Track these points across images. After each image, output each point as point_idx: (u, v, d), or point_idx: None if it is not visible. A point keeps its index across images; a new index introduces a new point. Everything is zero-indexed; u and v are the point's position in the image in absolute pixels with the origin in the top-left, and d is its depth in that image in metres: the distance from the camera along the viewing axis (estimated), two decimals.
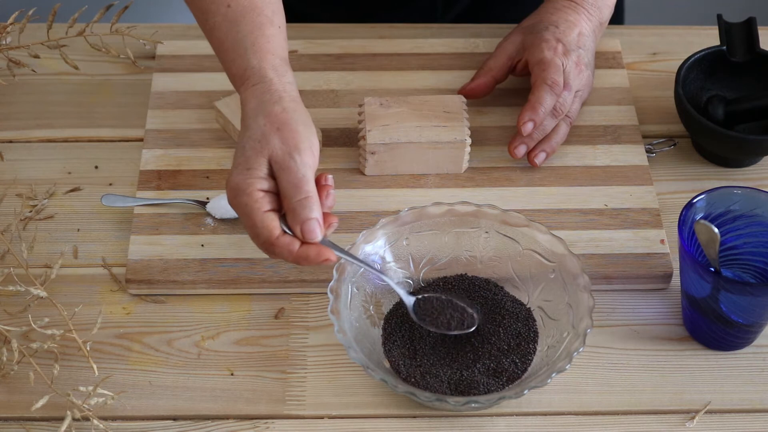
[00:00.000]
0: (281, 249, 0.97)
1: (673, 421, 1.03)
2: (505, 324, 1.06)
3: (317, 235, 0.97)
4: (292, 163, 0.97)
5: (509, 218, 1.08)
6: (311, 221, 0.96)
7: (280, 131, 0.98)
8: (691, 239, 1.03)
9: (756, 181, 1.20)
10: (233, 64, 1.04)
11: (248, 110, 1.00)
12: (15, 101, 1.27)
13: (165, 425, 1.02)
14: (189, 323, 1.08)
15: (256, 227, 0.97)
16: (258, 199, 0.97)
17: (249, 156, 0.98)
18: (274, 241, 0.97)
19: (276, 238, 0.97)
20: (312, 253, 0.97)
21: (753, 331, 1.06)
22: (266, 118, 0.99)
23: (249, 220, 0.97)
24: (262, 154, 0.97)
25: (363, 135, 1.16)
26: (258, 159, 0.97)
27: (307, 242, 0.97)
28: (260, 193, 0.97)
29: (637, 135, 1.23)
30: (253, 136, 0.98)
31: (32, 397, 1.00)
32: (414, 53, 1.30)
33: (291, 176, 0.96)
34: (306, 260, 0.97)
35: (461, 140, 1.16)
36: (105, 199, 1.15)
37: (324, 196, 0.98)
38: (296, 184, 0.96)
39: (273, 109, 0.99)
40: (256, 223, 0.97)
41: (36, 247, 1.12)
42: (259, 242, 0.98)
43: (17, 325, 1.03)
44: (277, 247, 0.97)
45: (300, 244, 0.97)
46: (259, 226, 0.97)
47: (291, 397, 1.03)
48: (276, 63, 1.03)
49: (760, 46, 1.22)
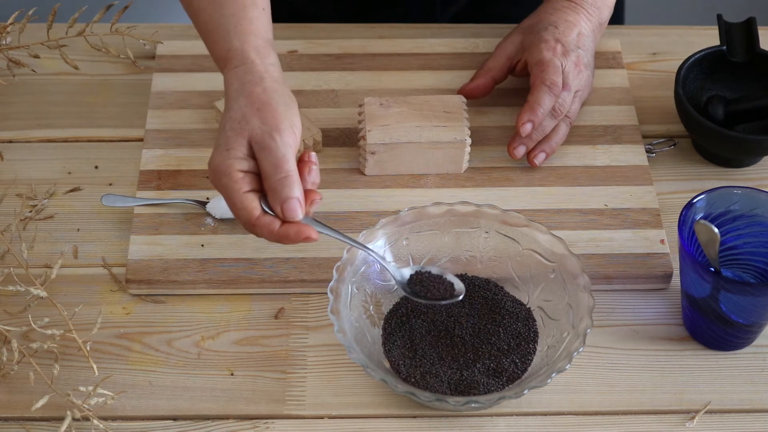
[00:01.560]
0: (262, 229, 0.97)
1: (673, 421, 1.03)
2: (505, 324, 1.06)
3: (297, 214, 0.97)
4: (271, 142, 0.96)
5: (509, 218, 1.08)
6: (291, 200, 0.96)
7: (260, 111, 0.98)
8: (691, 239, 1.03)
9: (756, 181, 1.20)
10: (216, 46, 1.04)
11: (230, 92, 1.01)
12: (15, 101, 1.27)
13: (165, 425, 1.02)
14: (189, 323, 1.08)
15: (237, 208, 0.97)
16: (237, 180, 0.97)
17: (229, 137, 0.98)
18: (254, 222, 0.97)
19: (256, 219, 0.97)
20: (292, 232, 0.97)
21: (753, 331, 1.06)
22: (247, 99, 0.99)
23: (230, 200, 0.98)
24: (241, 134, 0.97)
25: (363, 135, 1.16)
26: (238, 140, 0.97)
27: (288, 221, 0.97)
28: (240, 174, 0.97)
29: (637, 135, 1.23)
30: (233, 117, 0.98)
31: (32, 397, 1.00)
32: (414, 53, 1.30)
33: (271, 156, 0.96)
34: (287, 239, 0.97)
35: (461, 140, 1.16)
36: (105, 199, 1.15)
37: (306, 173, 0.98)
38: (276, 164, 0.96)
39: (254, 90, 0.99)
40: (237, 203, 0.97)
41: (36, 247, 1.12)
42: (241, 222, 0.98)
43: (17, 325, 1.03)
44: (258, 227, 0.97)
45: (281, 223, 0.97)
46: (239, 206, 0.97)
47: (291, 397, 1.03)
48: (259, 44, 1.03)
49: (760, 46, 1.22)
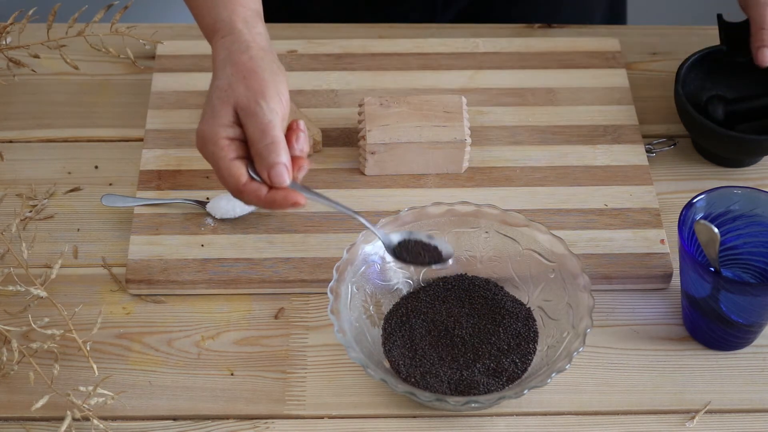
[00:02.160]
0: (249, 195, 0.97)
1: (673, 421, 1.03)
2: (505, 324, 1.06)
3: (284, 180, 0.96)
4: (257, 108, 0.96)
5: (509, 218, 1.08)
6: (278, 166, 0.96)
7: (246, 79, 0.97)
8: (691, 239, 1.03)
9: (756, 181, 1.20)
10: (204, 17, 1.04)
11: (218, 62, 1.00)
12: (15, 101, 1.27)
13: (165, 425, 1.02)
14: (189, 323, 1.08)
15: (224, 175, 0.97)
16: (223, 147, 0.97)
17: (215, 105, 0.97)
18: (241, 188, 0.97)
19: (243, 185, 0.97)
20: (279, 198, 0.97)
21: (753, 331, 1.06)
22: (233, 68, 0.98)
23: (216, 168, 0.97)
24: (227, 102, 0.97)
25: (363, 135, 1.16)
26: (223, 107, 0.97)
27: (276, 187, 0.97)
28: (226, 141, 0.97)
29: (637, 135, 1.23)
30: (219, 86, 0.98)
31: (32, 397, 1.00)
32: (414, 53, 1.30)
33: (257, 122, 0.96)
34: (274, 204, 0.97)
35: (461, 140, 1.16)
36: (105, 199, 1.15)
37: (294, 140, 0.98)
38: (262, 129, 0.96)
39: (240, 58, 0.99)
40: (223, 170, 0.97)
41: (36, 247, 1.12)
42: (229, 189, 0.98)
43: (17, 325, 1.03)
44: (245, 193, 0.97)
45: (268, 189, 0.97)
46: (226, 173, 0.97)
47: (291, 397, 1.03)
48: (247, 15, 1.02)
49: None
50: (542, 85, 1.27)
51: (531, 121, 1.24)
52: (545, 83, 1.28)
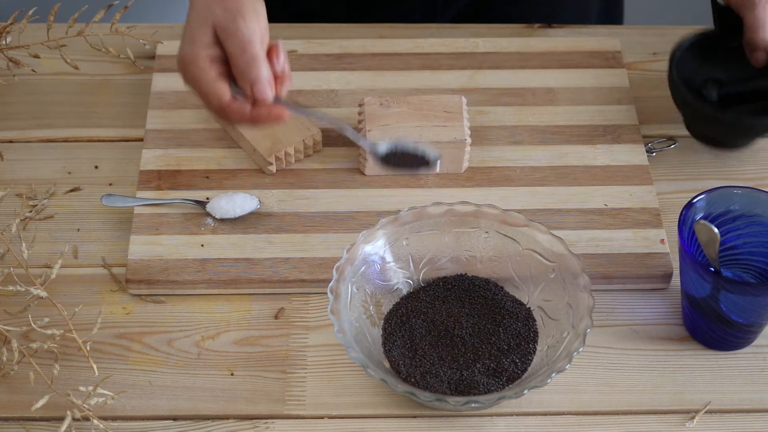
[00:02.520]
0: (233, 113, 0.98)
1: (673, 421, 1.03)
2: (505, 324, 1.06)
3: (267, 94, 0.97)
4: (235, 26, 0.97)
5: (509, 218, 1.08)
6: (260, 80, 0.97)
7: (222, 1, 0.98)
8: (691, 239, 1.03)
9: (756, 181, 1.20)
10: None
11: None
12: (15, 101, 1.27)
13: (165, 425, 1.02)
14: (189, 323, 1.08)
15: (207, 94, 0.98)
16: (204, 68, 0.97)
17: (193, 27, 0.98)
18: (225, 107, 0.98)
19: (227, 104, 0.98)
20: (263, 113, 0.98)
21: (753, 331, 1.06)
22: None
23: (199, 88, 0.98)
24: (205, 23, 0.98)
25: (363, 135, 1.16)
26: (202, 29, 0.98)
27: (259, 103, 0.98)
28: (207, 61, 0.97)
29: (637, 135, 1.23)
30: (197, 9, 0.99)
31: (32, 397, 1.00)
32: (414, 53, 1.30)
33: (236, 40, 0.97)
34: (259, 120, 0.98)
35: (461, 140, 1.16)
36: (105, 199, 1.15)
37: (275, 58, 0.99)
38: (242, 46, 0.97)
39: None
40: (205, 90, 0.98)
41: (36, 247, 1.12)
42: (213, 109, 0.99)
43: (17, 325, 1.03)
44: (229, 111, 0.98)
45: (252, 106, 0.98)
46: (210, 92, 0.98)
47: (291, 397, 1.03)
48: None
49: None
50: (542, 85, 1.27)
51: (531, 121, 1.24)
52: (545, 83, 1.28)
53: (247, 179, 1.17)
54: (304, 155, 1.19)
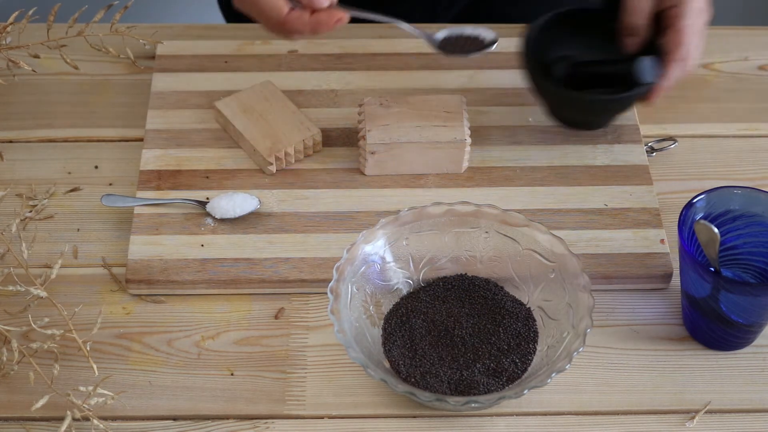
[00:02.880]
0: (293, 23, 1.03)
1: (673, 421, 1.03)
2: (505, 324, 1.06)
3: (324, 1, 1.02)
4: None
5: (509, 218, 1.08)
6: None
7: None
8: (691, 239, 1.03)
9: (756, 181, 1.20)
10: None
11: None
12: (15, 101, 1.27)
13: (165, 425, 1.02)
14: (189, 323, 1.08)
15: (266, 9, 1.02)
16: None
17: None
18: (284, 18, 1.03)
19: (287, 14, 1.02)
20: (323, 17, 1.03)
21: (753, 331, 1.06)
22: None
23: (258, 8, 1.03)
24: None
25: (363, 135, 1.16)
26: None
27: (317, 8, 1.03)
28: None
29: (637, 135, 1.22)
30: None
31: (32, 397, 1.00)
32: (414, 53, 1.30)
33: None
34: (320, 25, 1.03)
35: (461, 140, 1.16)
36: (105, 199, 1.15)
37: None
38: None
39: None
40: (265, 8, 1.02)
41: (36, 247, 1.12)
42: (272, 24, 1.03)
43: (17, 325, 1.03)
44: (289, 22, 1.03)
45: (311, 13, 1.03)
46: (268, 7, 1.02)
47: (291, 397, 1.03)
48: None
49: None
50: None
51: (531, 121, 1.24)
52: None
53: (247, 179, 1.18)
54: (304, 155, 1.19)
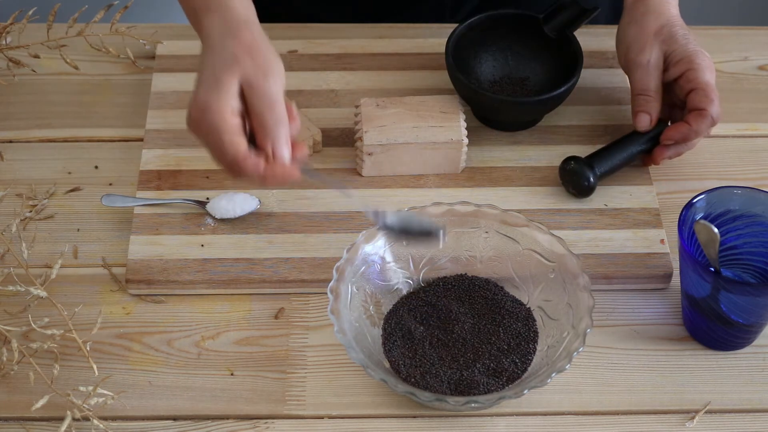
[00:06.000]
0: (248, 167, 0.98)
1: (673, 421, 1.03)
2: (505, 324, 1.06)
3: (286, 155, 0.98)
4: (266, 84, 0.97)
5: (509, 218, 1.08)
6: (282, 141, 0.98)
7: (251, 54, 0.98)
8: (691, 239, 1.03)
9: (756, 181, 1.20)
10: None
11: (214, 34, 1.00)
12: (15, 101, 1.27)
13: (165, 425, 1.02)
14: (189, 323, 1.08)
15: (225, 145, 0.97)
16: (227, 119, 0.97)
17: (219, 76, 0.97)
18: (241, 159, 0.98)
19: (243, 157, 0.98)
20: (278, 172, 0.98)
21: (753, 331, 1.06)
22: (235, 41, 0.98)
23: (216, 138, 0.97)
24: (233, 74, 0.97)
25: (360, 136, 1.16)
26: (229, 79, 0.97)
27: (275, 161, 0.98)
28: (230, 112, 0.97)
29: None
30: (223, 56, 0.98)
31: (32, 397, 1.00)
32: (414, 53, 1.30)
33: (265, 97, 0.97)
34: (272, 179, 0.99)
35: (458, 140, 1.16)
36: (105, 199, 1.16)
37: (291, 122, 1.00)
38: (270, 105, 0.97)
39: (242, 33, 0.99)
40: (225, 141, 0.97)
41: (36, 247, 1.12)
42: (226, 161, 0.98)
43: (17, 325, 1.03)
44: (244, 166, 0.98)
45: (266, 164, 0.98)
46: (229, 143, 0.97)
47: (291, 397, 1.03)
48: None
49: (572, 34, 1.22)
50: None
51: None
52: None
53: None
54: None
